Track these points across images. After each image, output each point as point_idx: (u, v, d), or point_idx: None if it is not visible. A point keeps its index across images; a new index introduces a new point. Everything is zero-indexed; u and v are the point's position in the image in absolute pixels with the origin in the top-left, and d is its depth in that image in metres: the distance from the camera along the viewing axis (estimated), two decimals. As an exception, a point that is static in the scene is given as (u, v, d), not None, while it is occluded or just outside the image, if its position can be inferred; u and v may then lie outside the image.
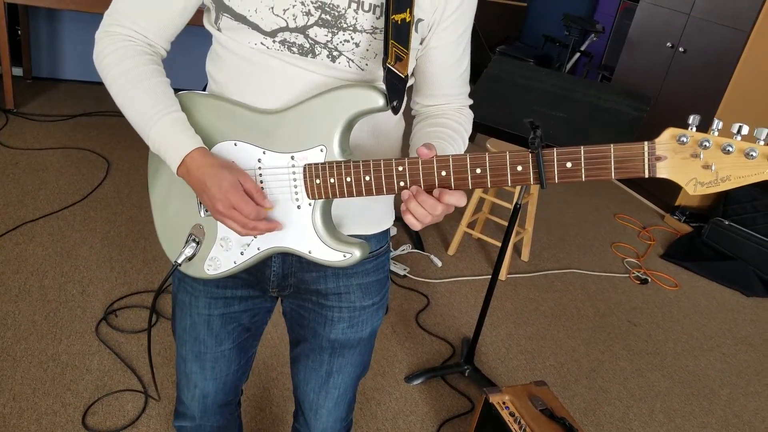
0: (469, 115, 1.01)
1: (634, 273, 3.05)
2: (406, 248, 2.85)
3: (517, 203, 1.95)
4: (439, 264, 2.80)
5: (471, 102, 1.03)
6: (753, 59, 3.42)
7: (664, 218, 3.76)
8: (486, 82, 1.92)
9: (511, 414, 1.58)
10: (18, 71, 3.78)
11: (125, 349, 1.96)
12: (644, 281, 3.00)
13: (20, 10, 3.60)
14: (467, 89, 1.01)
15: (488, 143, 2.85)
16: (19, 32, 3.67)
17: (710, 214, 3.49)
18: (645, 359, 2.42)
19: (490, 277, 2.40)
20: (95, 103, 3.68)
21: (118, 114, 4.11)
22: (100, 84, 0.90)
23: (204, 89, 0.98)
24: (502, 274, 2.76)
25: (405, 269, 2.68)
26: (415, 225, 0.82)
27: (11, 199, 2.61)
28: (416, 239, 2.92)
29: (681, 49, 3.76)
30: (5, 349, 1.87)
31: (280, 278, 1.00)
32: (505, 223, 2.90)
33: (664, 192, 3.84)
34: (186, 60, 2.40)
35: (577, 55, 4.94)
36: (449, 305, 2.53)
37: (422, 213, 0.80)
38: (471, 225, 2.99)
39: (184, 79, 0.95)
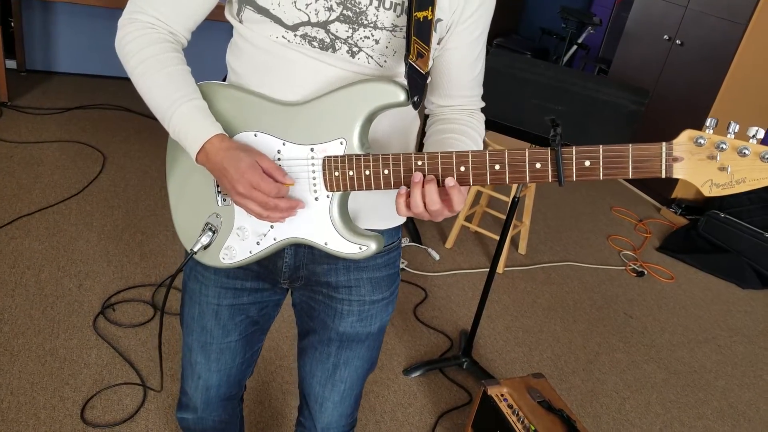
0: (481, 119, 1.02)
1: (630, 265, 3.07)
2: (403, 242, 2.85)
3: (515, 197, 1.95)
4: (437, 257, 2.80)
5: (483, 104, 1.03)
6: (750, 52, 3.42)
7: (660, 211, 3.77)
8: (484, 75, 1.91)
9: (510, 406, 1.59)
10: (12, 64, 3.74)
11: (123, 343, 1.96)
12: (640, 274, 3.02)
13: (13, 1, 3.56)
14: (481, 91, 1.02)
15: (486, 136, 2.84)
16: (12, 24, 3.64)
17: (706, 206, 3.51)
18: (641, 351, 2.44)
19: (487, 270, 2.39)
20: (90, 95, 3.65)
21: (113, 107, 4.04)
22: (95, 76, 0.90)
23: (224, 81, 0.98)
24: (500, 267, 2.76)
25: (403, 262, 2.68)
26: (402, 211, 0.83)
27: (6, 193, 2.60)
28: (414, 232, 2.92)
29: (678, 42, 3.76)
30: (2, 343, 1.86)
31: (292, 270, 1.01)
32: (503, 217, 2.91)
33: (660, 185, 3.85)
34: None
35: (574, 47, 4.93)
36: (447, 298, 2.54)
37: (419, 203, 0.81)
38: (468, 218, 2.99)
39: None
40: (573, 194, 3.77)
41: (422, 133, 1.04)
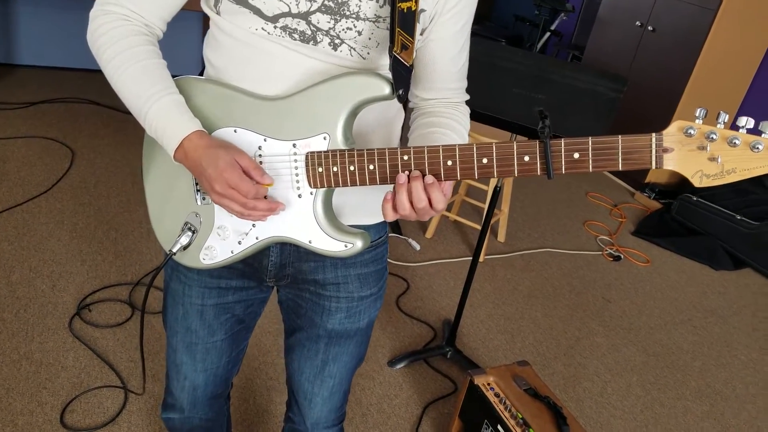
0: (466, 112, 1.01)
1: (607, 250, 3.11)
2: (384, 232, 2.84)
3: (497, 186, 1.96)
4: (418, 247, 2.80)
5: (468, 97, 1.02)
6: (720, 37, 3.48)
7: (634, 195, 3.84)
8: (463, 64, 1.90)
9: (496, 395, 1.60)
10: (-29, 57, 3.61)
11: (101, 345, 1.91)
12: (617, 258, 3.07)
13: (-30, -9, 3.41)
14: (465, 84, 1.01)
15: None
16: (-30, 15, 3.49)
17: (679, 190, 3.58)
18: (620, 335, 2.48)
19: (468, 258, 2.40)
20: (56, 89, 3.53)
21: (80, 100, 3.91)
22: (60, 69, 0.86)
23: (201, 75, 0.94)
24: (480, 256, 2.77)
25: (384, 253, 2.67)
26: (390, 216, 0.82)
27: (-29, 192, 2.50)
28: (394, 223, 2.91)
29: (650, 28, 3.80)
30: (-27, 349, 1.80)
31: (278, 268, 0.99)
32: (481, 205, 2.92)
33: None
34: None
35: (548, 34, 4.95)
36: (429, 288, 2.54)
37: (405, 205, 0.80)
38: (448, 207, 2.99)
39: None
40: (549, 181, 3.79)
41: (407, 126, 1.02)
